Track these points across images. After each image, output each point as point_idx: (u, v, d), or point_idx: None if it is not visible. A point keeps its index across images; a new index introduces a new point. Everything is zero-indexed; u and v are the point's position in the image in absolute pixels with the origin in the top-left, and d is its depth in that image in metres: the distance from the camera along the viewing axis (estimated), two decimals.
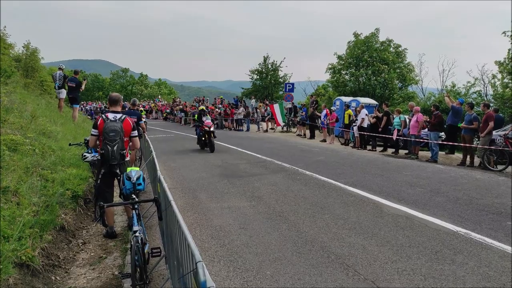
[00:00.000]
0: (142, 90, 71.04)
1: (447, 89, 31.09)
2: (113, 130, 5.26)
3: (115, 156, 5.27)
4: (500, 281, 3.93)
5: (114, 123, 5.32)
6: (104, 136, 5.25)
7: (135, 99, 11.05)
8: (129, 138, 5.62)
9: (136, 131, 5.71)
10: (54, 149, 7.98)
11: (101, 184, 5.53)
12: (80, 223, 6.28)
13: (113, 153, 5.25)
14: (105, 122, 5.31)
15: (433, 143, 12.58)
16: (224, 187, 8.40)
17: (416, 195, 7.47)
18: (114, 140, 5.25)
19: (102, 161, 5.40)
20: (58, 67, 14.36)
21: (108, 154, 5.25)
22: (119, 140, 5.29)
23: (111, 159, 5.28)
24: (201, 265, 2.15)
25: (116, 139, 5.27)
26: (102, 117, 5.42)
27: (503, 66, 24.26)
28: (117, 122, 5.35)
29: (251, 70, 38.57)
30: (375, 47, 31.18)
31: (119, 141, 5.29)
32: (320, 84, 41.44)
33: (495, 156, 10.98)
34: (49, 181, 6.23)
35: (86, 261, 5.04)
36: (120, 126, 5.34)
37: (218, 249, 5.02)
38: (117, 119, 5.39)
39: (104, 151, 5.26)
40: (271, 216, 6.30)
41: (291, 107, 24.06)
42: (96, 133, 5.38)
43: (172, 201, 3.54)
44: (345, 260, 4.54)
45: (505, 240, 5.05)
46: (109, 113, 5.48)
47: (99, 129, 5.33)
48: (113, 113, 5.51)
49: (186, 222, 5.80)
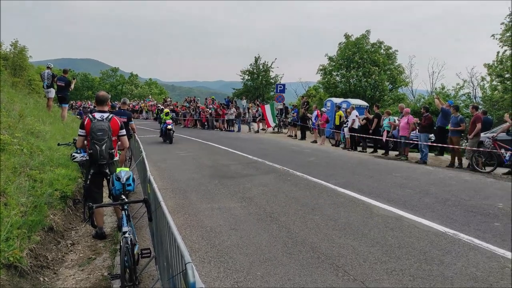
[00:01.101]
0: (132, 90, 70.54)
1: (436, 91, 31.40)
2: (101, 129, 5.21)
3: (103, 155, 5.23)
4: (488, 282, 3.98)
5: (102, 122, 5.28)
6: (92, 136, 5.21)
7: (126, 98, 10.95)
8: (118, 137, 5.59)
9: (124, 130, 5.67)
10: (42, 149, 7.89)
11: (90, 184, 5.48)
12: (69, 224, 6.22)
13: (101, 153, 5.21)
14: (92, 121, 5.26)
15: (423, 144, 12.70)
16: (215, 188, 8.38)
17: (406, 196, 7.53)
18: (102, 140, 5.21)
19: (91, 161, 5.35)
20: (46, 66, 14.20)
21: (97, 154, 5.20)
22: (107, 139, 5.25)
23: (100, 159, 5.24)
24: (191, 266, 2.14)
25: (104, 139, 5.23)
26: (89, 117, 5.39)
27: (492, 68, 24.57)
28: (105, 122, 5.31)
29: (242, 71, 38.55)
30: (365, 49, 31.34)
31: (107, 140, 5.25)
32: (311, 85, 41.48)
33: (484, 158, 11.12)
34: (38, 181, 6.17)
35: (75, 262, 4.99)
36: (107, 125, 5.30)
37: (209, 250, 5.00)
38: (104, 119, 5.35)
39: (93, 151, 5.21)
40: (261, 217, 6.30)
41: (282, 108, 24.09)
42: (83, 133, 5.33)
43: (162, 202, 3.52)
44: (335, 260, 4.56)
45: (493, 241, 5.12)
46: (96, 113, 5.44)
47: (86, 129, 5.28)
48: (100, 112, 5.47)
49: (177, 223, 5.80)
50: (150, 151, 13.68)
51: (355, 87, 30.89)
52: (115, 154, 5.50)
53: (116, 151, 5.60)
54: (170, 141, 17.38)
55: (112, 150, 5.35)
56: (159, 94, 70.21)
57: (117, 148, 5.68)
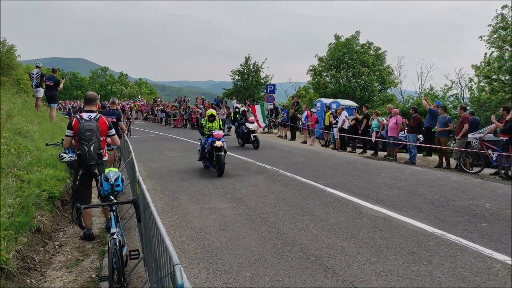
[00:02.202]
0: (122, 89, 70.05)
1: (424, 92, 31.75)
2: (89, 129, 5.18)
3: (92, 156, 5.20)
4: (475, 282, 4.02)
5: (89, 122, 5.25)
6: (80, 136, 5.17)
7: (115, 98, 10.86)
8: (107, 137, 5.57)
9: (113, 129, 5.66)
10: (30, 149, 7.80)
11: (79, 185, 5.43)
12: (57, 225, 6.15)
13: (90, 153, 5.17)
14: (80, 122, 5.23)
15: (411, 145, 12.82)
16: (204, 188, 8.37)
17: (394, 197, 7.59)
18: (91, 140, 5.18)
19: (80, 161, 5.31)
20: (35, 65, 14.01)
21: (85, 154, 5.16)
22: (95, 139, 5.22)
23: (88, 159, 5.20)
24: (179, 268, 2.14)
25: (92, 139, 5.19)
26: (76, 117, 5.36)
27: (479, 70, 24.93)
28: (92, 122, 5.28)
29: (232, 71, 38.51)
30: (355, 50, 31.58)
31: (95, 140, 5.22)
32: (301, 85, 41.65)
33: (471, 158, 11.26)
34: (25, 181, 6.09)
35: (63, 263, 4.94)
36: (95, 125, 5.27)
37: (198, 251, 4.99)
38: (92, 119, 5.32)
39: (81, 151, 5.17)
40: (251, 218, 6.31)
41: (273, 108, 24.12)
42: (71, 134, 5.30)
43: (151, 203, 3.51)
44: (324, 261, 4.58)
45: (480, 241, 5.18)
46: (83, 113, 5.42)
47: (74, 129, 5.25)
48: (88, 112, 5.44)
49: (166, 224, 5.78)
50: (140, 152, 13.61)
51: (344, 87, 31.10)
52: (104, 154, 5.46)
53: (105, 151, 5.56)
54: (220, 173, 9.67)
55: (100, 151, 5.31)
56: (149, 94, 69.87)
57: (106, 148, 5.65)
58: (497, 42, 23.40)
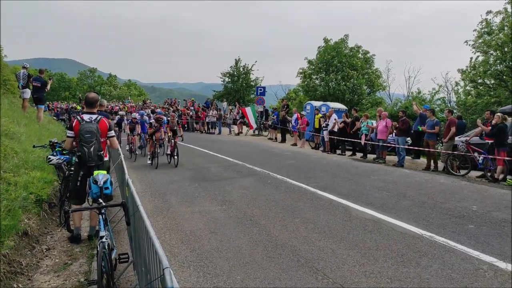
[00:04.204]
0: (111, 91, 69.36)
1: (413, 96, 32.10)
2: (89, 131, 5.21)
3: (92, 157, 5.21)
4: (463, 283, 4.07)
5: (90, 124, 5.28)
6: (80, 138, 5.19)
7: (103, 100, 10.75)
8: (107, 138, 5.56)
9: (112, 131, 5.69)
10: (17, 151, 7.68)
11: (80, 186, 5.40)
12: (44, 228, 6.06)
13: (90, 155, 5.19)
14: (81, 123, 5.25)
15: (400, 148, 12.94)
16: (194, 191, 8.33)
17: (384, 199, 7.65)
18: (91, 142, 5.20)
19: (80, 163, 5.30)
20: (22, 66, 13.81)
21: (85, 156, 5.18)
22: (95, 141, 5.23)
23: (88, 161, 5.21)
24: (168, 272, 2.13)
25: (92, 140, 5.21)
26: (77, 119, 5.36)
27: (465, 74, 25.28)
28: (93, 123, 5.30)
29: (222, 73, 38.52)
30: (344, 53, 31.82)
31: (95, 142, 5.23)
32: (291, 88, 41.79)
33: (458, 161, 11.42)
34: (12, 184, 6.01)
35: (51, 267, 4.87)
36: (96, 127, 5.29)
37: (188, 254, 4.97)
38: (93, 120, 5.34)
39: (81, 152, 5.18)
40: (242, 220, 6.30)
41: (263, 111, 24.16)
42: (72, 135, 5.32)
43: (140, 206, 3.48)
44: (315, 264, 4.59)
45: (467, 243, 5.24)
46: (84, 115, 5.43)
47: (75, 130, 5.26)
48: (89, 114, 5.45)
49: (156, 227, 5.74)
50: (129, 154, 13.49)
51: (334, 90, 31.30)
52: (104, 155, 5.46)
53: (105, 152, 5.56)
54: None
55: (100, 152, 5.32)
56: (139, 96, 69.32)
57: (106, 149, 5.63)
58: (482, 47, 23.79)
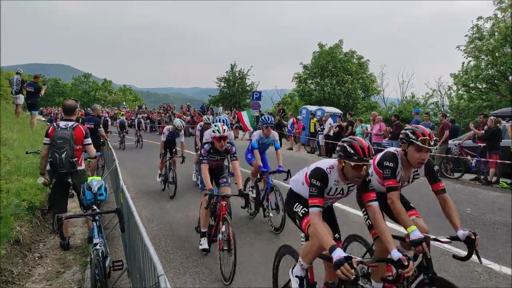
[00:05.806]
0: (106, 96, 69.12)
1: (407, 100, 32.33)
2: (61, 137, 5.13)
3: (63, 164, 5.10)
4: (458, 286, 4.05)
5: (64, 130, 5.21)
6: (53, 144, 5.13)
7: (95, 104, 10.73)
8: (83, 146, 5.47)
9: (89, 139, 5.56)
10: (9, 157, 7.62)
11: (53, 193, 5.35)
12: (37, 236, 5.98)
13: (61, 161, 5.08)
14: (56, 130, 5.20)
15: None
16: (190, 196, 8.29)
17: None
18: (62, 148, 5.10)
19: (52, 170, 5.23)
20: (15, 72, 13.74)
21: (56, 162, 5.09)
22: (67, 147, 5.13)
23: (59, 167, 5.11)
24: (163, 279, 2.11)
25: (64, 147, 5.11)
26: (53, 125, 5.34)
27: (457, 78, 25.51)
28: (68, 130, 5.23)
29: (218, 78, 38.51)
30: (339, 58, 31.98)
31: (67, 148, 5.13)
32: (286, 92, 41.87)
33: (452, 164, 11.47)
34: (3, 191, 5.95)
35: (43, 276, 4.80)
36: (70, 133, 5.21)
37: (184, 261, 4.93)
38: (68, 127, 5.28)
39: (52, 159, 5.11)
40: (238, 225, 6.26)
41: (259, 115, 24.16)
42: (48, 142, 5.22)
43: (135, 212, 3.45)
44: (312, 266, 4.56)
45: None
46: (61, 122, 5.40)
47: (50, 137, 5.18)
48: (65, 121, 5.41)
49: (150, 234, 5.69)
50: (124, 159, 13.41)
51: (329, 95, 31.41)
52: (78, 163, 5.34)
53: (80, 160, 5.43)
54: None
55: (73, 159, 5.19)
56: (134, 101, 69.09)
57: (82, 157, 5.53)
58: (473, 52, 24.04)
